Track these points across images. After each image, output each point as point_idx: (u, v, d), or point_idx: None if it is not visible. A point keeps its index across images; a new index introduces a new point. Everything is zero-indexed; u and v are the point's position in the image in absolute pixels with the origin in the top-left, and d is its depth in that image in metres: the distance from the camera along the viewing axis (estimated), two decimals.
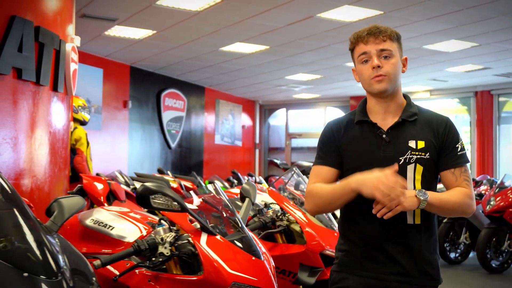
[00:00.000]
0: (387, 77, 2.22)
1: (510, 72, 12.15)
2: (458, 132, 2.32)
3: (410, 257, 2.22)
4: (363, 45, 2.25)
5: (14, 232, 1.87)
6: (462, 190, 2.23)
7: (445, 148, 2.26)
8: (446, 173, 2.26)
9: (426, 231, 2.25)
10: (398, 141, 2.24)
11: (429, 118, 2.31)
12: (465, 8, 7.54)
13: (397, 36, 2.30)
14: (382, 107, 2.29)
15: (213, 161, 15.23)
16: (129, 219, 2.74)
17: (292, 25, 8.56)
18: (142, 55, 11.00)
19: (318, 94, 16.10)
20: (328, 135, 2.36)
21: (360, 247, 2.27)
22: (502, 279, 7.45)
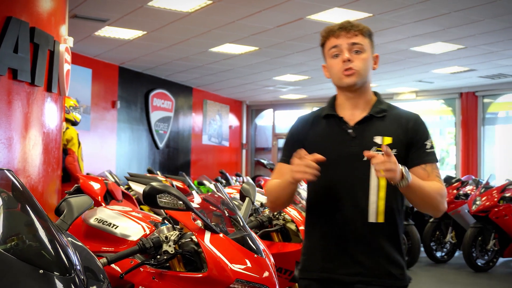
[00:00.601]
0: (357, 72, 2.19)
1: (494, 74, 12.33)
2: (428, 130, 2.29)
3: (372, 257, 2.17)
4: (334, 39, 2.22)
5: (28, 230, 1.92)
6: (438, 185, 2.19)
7: (414, 144, 2.22)
8: (417, 168, 2.20)
9: (389, 230, 2.20)
10: (364, 137, 2.20)
11: (398, 115, 2.27)
12: (452, 11, 7.67)
13: (369, 32, 2.27)
14: (351, 103, 2.26)
15: (201, 161, 15.27)
16: (133, 218, 2.80)
17: (282, 27, 8.64)
18: (131, 55, 11.02)
19: (305, 95, 16.20)
20: (292, 132, 2.35)
21: (322, 248, 2.23)
22: (488, 278, 7.58)
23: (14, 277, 1.74)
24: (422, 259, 8.33)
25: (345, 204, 2.18)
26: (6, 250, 1.81)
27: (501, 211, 7.72)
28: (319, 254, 2.23)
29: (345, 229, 2.18)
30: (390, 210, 2.18)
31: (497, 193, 7.92)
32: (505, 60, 10.85)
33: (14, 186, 2.02)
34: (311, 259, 2.26)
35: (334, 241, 2.20)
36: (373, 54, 2.27)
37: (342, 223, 2.18)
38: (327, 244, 2.21)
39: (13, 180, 2.02)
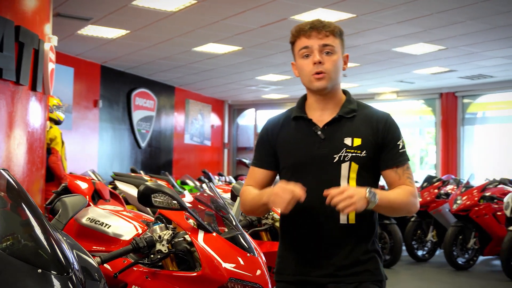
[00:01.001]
0: (327, 75, 2.15)
1: (474, 74, 12.50)
2: (399, 129, 2.24)
3: (345, 258, 2.16)
4: (305, 39, 2.18)
5: (25, 229, 1.92)
6: (408, 189, 2.17)
7: (385, 146, 2.18)
8: (388, 171, 2.19)
9: (361, 230, 2.18)
10: (334, 138, 2.17)
11: (368, 114, 2.23)
12: (435, 12, 7.77)
13: (340, 32, 2.22)
14: (320, 104, 2.22)
15: (182, 161, 15.25)
16: (125, 218, 2.80)
17: (265, 27, 8.67)
18: (114, 54, 10.97)
19: (287, 95, 16.26)
20: (262, 135, 2.31)
21: (295, 251, 2.22)
22: (468, 276, 7.69)
23: (13, 277, 1.75)
24: (404, 257, 8.42)
25: (316, 207, 2.14)
26: (3, 250, 1.81)
27: (481, 210, 7.83)
28: (293, 257, 2.21)
29: (317, 231, 2.16)
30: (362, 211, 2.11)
31: (477, 192, 8.03)
32: (485, 61, 11.01)
33: (10, 186, 2.02)
34: (285, 262, 2.25)
35: (307, 243, 2.19)
36: (343, 54, 2.23)
37: (314, 225, 2.16)
38: (300, 247, 2.20)
39: (9, 180, 2.02)
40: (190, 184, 9.94)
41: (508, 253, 7.05)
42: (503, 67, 11.57)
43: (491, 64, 11.28)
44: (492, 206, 7.89)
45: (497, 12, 7.77)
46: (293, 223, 2.22)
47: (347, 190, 1.98)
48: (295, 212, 2.13)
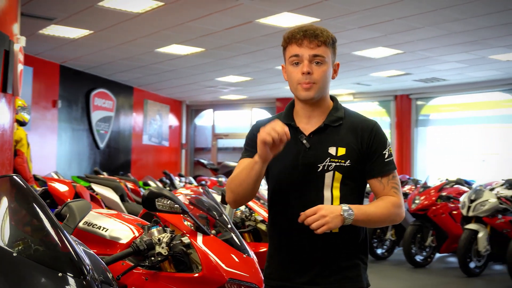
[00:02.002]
0: (315, 85, 2.15)
1: (428, 77, 12.91)
2: (386, 137, 2.24)
3: (326, 266, 2.16)
4: (296, 47, 2.16)
5: (40, 234, 1.96)
6: (391, 200, 2.17)
7: (371, 156, 2.18)
8: (373, 181, 2.20)
9: (344, 238, 2.17)
10: (318, 148, 2.17)
11: (354, 123, 2.22)
12: (395, 18, 8.02)
13: (333, 40, 2.21)
14: (307, 111, 2.22)
15: (140, 161, 15.18)
16: (121, 221, 2.85)
17: (230, 29, 8.75)
18: (74, 54, 10.85)
19: (245, 96, 16.38)
20: (252, 135, 2.27)
21: (280, 256, 2.22)
22: (426, 273, 7.97)
23: (35, 280, 1.79)
24: None
25: (299, 214, 2.08)
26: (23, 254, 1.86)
27: (438, 209, 8.13)
28: (278, 262, 2.23)
29: (300, 238, 2.16)
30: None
31: (434, 192, 8.33)
32: (439, 65, 11.40)
33: (22, 191, 2.05)
34: (271, 267, 2.26)
35: (291, 250, 2.19)
36: (333, 63, 2.23)
37: (297, 232, 2.15)
38: (284, 253, 2.20)
39: (21, 185, 2.06)
40: (152, 185, 9.94)
41: (464, 251, 7.34)
42: (456, 71, 11.99)
43: (445, 68, 11.69)
44: (448, 205, 8.20)
45: (453, 19, 8.08)
46: (278, 229, 2.23)
47: (320, 210, 2.00)
48: (280, 218, 2.20)
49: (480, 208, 7.42)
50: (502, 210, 7.47)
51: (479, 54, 10.37)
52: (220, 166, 15.50)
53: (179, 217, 2.67)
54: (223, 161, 16.45)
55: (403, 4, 7.40)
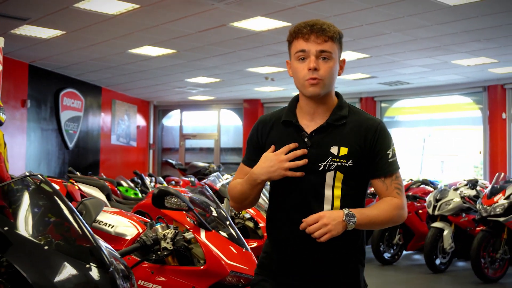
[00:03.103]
0: (322, 82, 2.11)
1: (392, 81, 13.29)
2: (390, 137, 2.21)
3: (323, 266, 2.15)
4: (303, 42, 2.12)
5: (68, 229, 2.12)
6: (393, 202, 2.14)
7: (374, 155, 2.15)
8: (376, 181, 2.17)
9: (345, 239, 2.13)
10: (320, 146, 2.13)
11: (358, 122, 2.18)
12: (365, 24, 8.30)
13: (340, 36, 2.18)
14: (311, 108, 2.18)
15: (109, 161, 15.17)
16: (125, 218, 2.99)
17: (203, 32, 8.90)
18: (44, 54, 10.82)
19: (213, 97, 16.51)
20: (253, 134, 2.28)
21: (279, 251, 2.20)
22: (394, 270, 8.26)
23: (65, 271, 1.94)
24: None
25: (299, 214, 2.12)
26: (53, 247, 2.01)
27: None
28: (275, 256, 2.21)
29: (300, 238, 2.12)
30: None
31: None
32: (403, 69, 11.77)
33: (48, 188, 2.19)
34: (268, 258, 2.24)
35: (289, 248, 2.17)
36: (340, 59, 2.21)
37: (297, 232, 2.11)
38: (284, 247, 2.18)
39: (47, 183, 2.20)
40: (125, 185, 10.00)
41: (430, 248, 7.65)
42: (419, 74, 12.40)
43: (409, 72, 12.07)
44: (415, 204, 8.53)
45: (419, 26, 8.40)
46: (278, 227, 2.21)
47: (322, 218, 2.00)
48: (280, 216, 2.20)
49: (445, 207, 7.75)
50: (466, 209, 7.82)
51: (442, 59, 10.77)
52: (188, 166, 15.60)
53: (182, 214, 2.82)
54: (191, 161, 16.57)
55: (372, 11, 7.68)
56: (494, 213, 7.07)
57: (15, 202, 2.13)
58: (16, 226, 2.04)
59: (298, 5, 7.51)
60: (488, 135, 13.25)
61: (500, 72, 11.95)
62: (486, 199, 7.29)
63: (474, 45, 9.54)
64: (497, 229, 7.15)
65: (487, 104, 13.22)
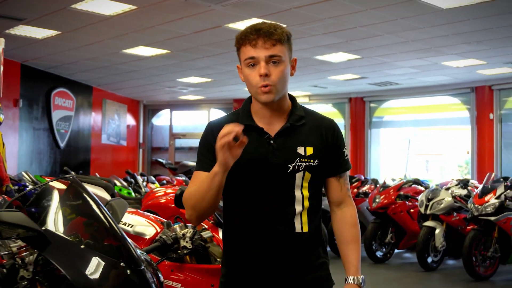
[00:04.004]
0: (274, 87, 2.07)
1: (382, 81, 13.46)
2: (343, 136, 2.27)
3: (300, 266, 2.16)
4: (251, 48, 2.07)
5: (103, 229, 2.20)
6: (353, 229, 2.24)
7: (333, 154, 2.19)
8: (332, 180, 2.21)
9: (313, 236, 2.18)
10: (287, 148, 2.12)
11: (315, 121, 2.20)
12: (358, 26, 8.43)
13: (288, 36, 2.13)
14: (267, 111, 2.15)
15: (99, 160, 15.19)
16: (143, 218, 3.07)
17: (199, 33, 8.98)
18: (37, 53, 10.83)
19: (203, 96, 16.59)
20: (207, 138, 2.19)
21: (245, 260, 2.15)
22: (387, 268, 8.41)
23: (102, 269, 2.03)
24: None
25: (270, 216, 2.12)
26: (89, 246, 2.09)
27: (397, 207, 8.59)
28: (242, 267, 2.16)
29: (272, 240, 2.12)
30: (313, 218, 2.18)
31: (394, 191, 8.78)
32: (393, 70, 11.94)
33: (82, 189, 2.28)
34: (232, 275, 2.19)
35: (261, 252, 2.13)
36: (291, 60, 2.17)
37: (269, 234, 2.12)
38: (251, 256, 2.14)
39: (80, 184, 2.29)
40: (118, 185, 10.05)
41: (422, 246, 7.80)
42: (409, 75, 12.58)
43: (398, 72, 12.24)
44: (407, 204, 8.68)
45: (412, 28, 8.55)
46: (243, 234, 2.16)
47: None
48: (244, 222, 2.14)
49: (437, 207, 7.90)
50: (457, 208, 7.99)
51: (432, 61, 10.95)
52: (178, 165, 15.66)
53: None
54: (180, 160, 16.63)
55: (367, 13, 7.81)
56: (485, 212, 7.23)
57: (49, 203, 2.21)
58: (52, 226, 2.12)
59: (293, 7, 7.62)
60: (476, 135, 13.46)
61: (488, 74, 12.17)
62: (477, 198, 7.45)
63: (464, 47, 9.73)
64: (488, 228, 7.31)
65: (475, 104, 13.44)
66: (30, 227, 1.97)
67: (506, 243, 7.28)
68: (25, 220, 1.97)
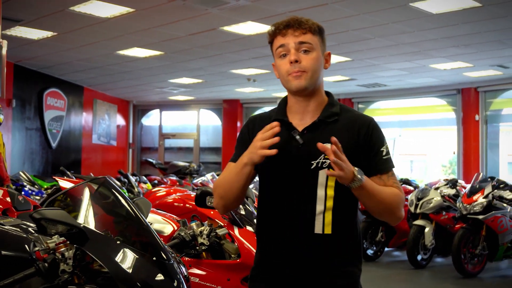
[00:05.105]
0: (305, 73, 2.05)
1: (370, 83, 13.69)
2: (383, 134, 2.15)
3: (318, 269, 2.09)
4: (281, 38, 2.08)
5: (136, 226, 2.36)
6: (394, 190, 2.07)
7: (368, 152, 2.09)
8: (373, 178, 2.06)
9: (338, 241, 2.08)
10: (312, 144, 2.01)
11: (351, 119, 2.13)
12: (351, 29, 8.63)
13: (319, 29, 2.13)
14: (301, 106, 2.12)
15: (89, 160, 15.26)
16: (159, 216, 3.23)
17: (194, 35, 9.12)
18: (31, 54, 10.89)
19: (193, 97, 16.70)
20: (243, 132, 2.22)
21: (270, 256, 2.16)
22: (377, 266, 8.61)
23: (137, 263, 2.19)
24: None
25: (290, 213, 2.09)
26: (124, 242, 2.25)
27: None
28: (268, 262, 2.16)
29: (290, 240, 2.09)
30: (339, 220, 2.08)
31: None
32: (382, 72, 12.17)
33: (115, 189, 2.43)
34: (259, 268, 2.21)
35: (282, 249, 2.11)
36: (324, 52, 2.15)
37: (287, 233, 2.09)
38: (276, 252, 2.13)
39: (113, 184, 2.44)
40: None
41: (412, 244, 8.02)
42: (397, 77, 12.82)
43: (387, 74, 12.47)
44: None
45: (402, 32, 8.77)
46: (269, 228, 2.16)
47: (343, 156, 1.92)
48: (271, 216, 2.14)
49: (426, 206, 8.13)
50: (446, 207, 8.22)
51: (420, 63, 11.19)
52: (168, 165, 15.79)
53: (217, 212, 3.08)
54: (170, 160, 16.75)
55: (359, 18, 8.01)
56: (473, 211, 7.47)
57: (87, 201, 2.36)
58: (89, 223, 2.27)
59: (288, 11, 7.78)
60: (462, 136, 13.74)
61: (474, 76, 12.45)
62: (466, 198, 7.68)
63: (452, 50, 9.97)
64: (476, 227, 7.55)
65: (461, 106, 13.72)
66: (72, 224, 2.12)
67: (494, 241, 7.52)
68: (67, 217, 2.12)
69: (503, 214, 7.52)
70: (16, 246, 2.34)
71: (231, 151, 2.25)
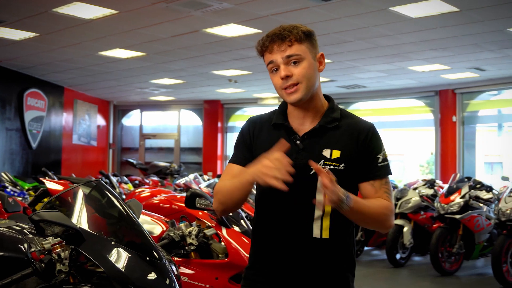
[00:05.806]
0: (300, 85, 2.05)
1: (350, 84, 13.86)
2: (382, 141, 2.15)
3: (314, 275, 2.09)
4: (269, 54, 2.08)
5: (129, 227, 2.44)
6: (383, 202, 2.07)
7: (365, 159, 2.09)
8: (365, 184, 2.09)
9: (335, 245, 2.10)
10: (312, 149, 2.06)
11: (351, 124, 2.13)
12: (331, 32, 8.77)
13: (306, 34, 2.10)
14: (300, 112, 2.13)
15: (69, 161, 15.21)
16: (148, 217, 3.30)
17: (176, 37, 9.18)
18: (12, 54, 10.85)
19: (174, 97, 16.72)
20: (243, 134, 2.23)
21: (266, 258, 2.16)
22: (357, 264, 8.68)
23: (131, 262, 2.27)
24: None
25: (289, 217, 2.10)
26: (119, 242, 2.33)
27: None
28: (264, 265, 2.17)
29: (288, 244, 2.10)
30: (337, 225, 2.09)
31: None
32: (362, 73, 12.35)
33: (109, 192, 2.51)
34: (254, 269, 2.22)
35: (278, 254, 2.12)
36: (316, 55, 2.14)
37: (286, 237, 2.10)
38: (272, 255, 2.14)
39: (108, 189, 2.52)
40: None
41: (391, 244, 8.18)
42: (376, 79, 13.01)
43: (367, 76, 12.65)
44: None
45: (382, 35, 8.94)
46: (265, 232, 2.17)
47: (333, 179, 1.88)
48: (268, 220, 2.15)
49: (405, 206, 8.31)
50: (424, 207, 8.41)
51: (399, 65, 11.39)
52: (149, 166, 15.81)
53: (205, 213, 3.17)
54: (151, 161, 16.77)
55: (341, 21, 8.15)
56: (451, 211, 7.64)
57: (80, 203, 2.43)
58: (84, 224, 2.35)
59: (271, 14, 7.91)
60: (439, 136, 13.99)
61: (451, 78, 12.68)
62: (443, 198, 7.85)
63: (431, 53, 10.17)
64: (453, 226, 7.72)
65: (439, 107, 13.97)
66: (69, 225, 2.20)
67: (470, 240, 7.70)
68: (65, 219, 2.20)
69: (480, 213, 7.71)
70: (12, 247, 2.40)
71: (212, 151, 2.32)
